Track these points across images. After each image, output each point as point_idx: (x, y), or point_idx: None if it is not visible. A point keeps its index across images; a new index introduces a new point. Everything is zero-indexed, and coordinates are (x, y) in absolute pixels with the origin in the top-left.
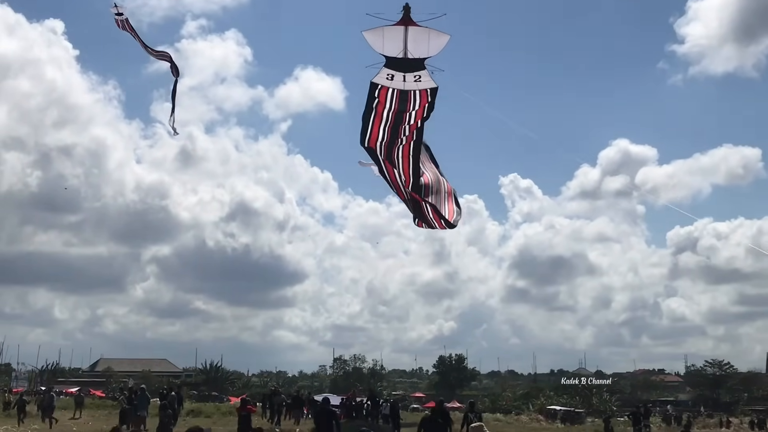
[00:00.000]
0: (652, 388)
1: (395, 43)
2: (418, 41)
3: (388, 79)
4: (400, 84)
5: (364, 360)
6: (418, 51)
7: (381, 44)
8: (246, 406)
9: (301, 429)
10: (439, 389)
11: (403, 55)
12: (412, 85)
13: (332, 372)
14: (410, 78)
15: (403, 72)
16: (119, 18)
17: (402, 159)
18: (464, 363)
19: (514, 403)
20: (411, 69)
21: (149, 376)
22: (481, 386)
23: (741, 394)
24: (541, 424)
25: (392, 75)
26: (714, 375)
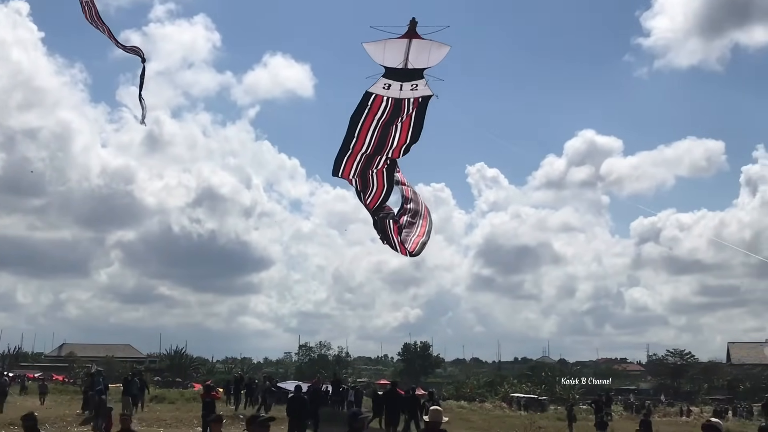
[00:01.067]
0: (614, 377)
1: (396, 55)
2: (419, 53)
3: (384, 88)
4: (396, 93)
5: (329, 347)
6: (419, 62)
7: (381, 56)
8: (210, 392)
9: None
10: (404, 376)
11: (404, 66)
12: (408, 93)
13: (297, 359)
14: (407, 87)
15: (401, 81)
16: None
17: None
18: (429, 350)
19: (478, 390)
20: (409, 78)
21: (112, 361)
22: (445, 374)
23: (701, 384)
24: (504, 412)
25: (389, 84)
26: (675, 364)
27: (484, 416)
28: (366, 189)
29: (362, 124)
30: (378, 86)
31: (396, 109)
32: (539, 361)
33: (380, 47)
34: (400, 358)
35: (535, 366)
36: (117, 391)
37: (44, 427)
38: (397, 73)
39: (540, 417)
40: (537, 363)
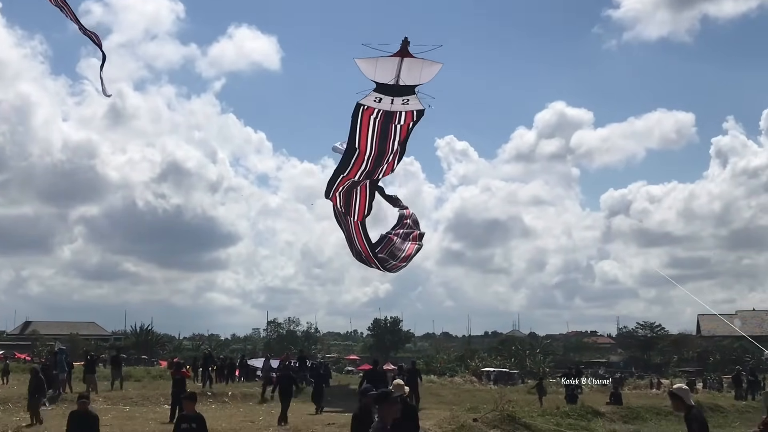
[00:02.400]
0: (584, 350)
1: (388, 72)
2: (411, 70)
3: (375, 102)
4: (387, 106)
5: (298, 323)
6: (410, 79)
7: (373, 72)
8: (180, 370)
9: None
10: (373, 352)
11: (395, 82)
12: (399, 107)
13: (266, 335)
14: (398, 101)
15: (392, 96)
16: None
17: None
18: (399, 325)
19: (448, 365)
20: (400, 94)
21: (77, 339)
22: (415, 348)
23: (671, 356)
24: (474, 386)
25: (380, 98)
26: (645, 337)
27: (454, 391)
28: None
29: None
30: (369, 99)
31: (387, 119)
32: (509, 335)
33: (372, 64)
34: (370, 333)
35: (505, 340)
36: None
37: (7, 406)
38: (389, 89)
39: (510, 391)
40: (507, 337)
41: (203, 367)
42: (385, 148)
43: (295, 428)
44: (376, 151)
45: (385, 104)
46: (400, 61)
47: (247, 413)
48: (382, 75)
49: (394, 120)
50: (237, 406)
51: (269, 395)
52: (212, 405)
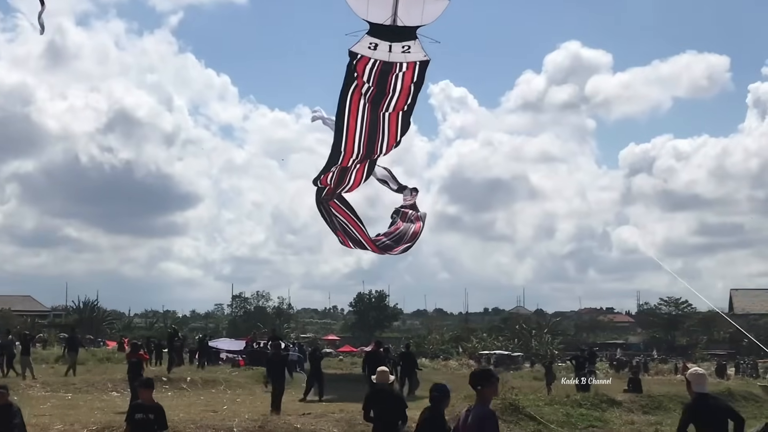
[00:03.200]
0: (599, 329)
1: (383, 8)
2: (410, 6)
3: (370, 49)
4: (384, 55)
5: (268, 298)
6: (410, 18)
7: (365, 8)
8: (137, 352)
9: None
10: (356, 331)
11: (392, 22)
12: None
13: (230, 312)
14: (397, 48)
15: (390, 41)
16: None
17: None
18: (385, 301)
19: (442, 346)
20: (399, 38)
21: (10, 315)
22: (404, 327)
23: (699, 337)
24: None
25: (375, 44)
26: (669, 315)
27: (448, 376)
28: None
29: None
30: (362, 45)
31: (384, 74)
32: (512, 312)
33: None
34: (351, 309)
35: (508, 318)
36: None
37: None
38: (385, 31)
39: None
40: (510, 314)
41: (169, 348)
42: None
43: (265, 419)
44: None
45: (382, 52)
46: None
47: (208, 402)
48: (376, 12)
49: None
50: (197, 394)
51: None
52: (168, 392)
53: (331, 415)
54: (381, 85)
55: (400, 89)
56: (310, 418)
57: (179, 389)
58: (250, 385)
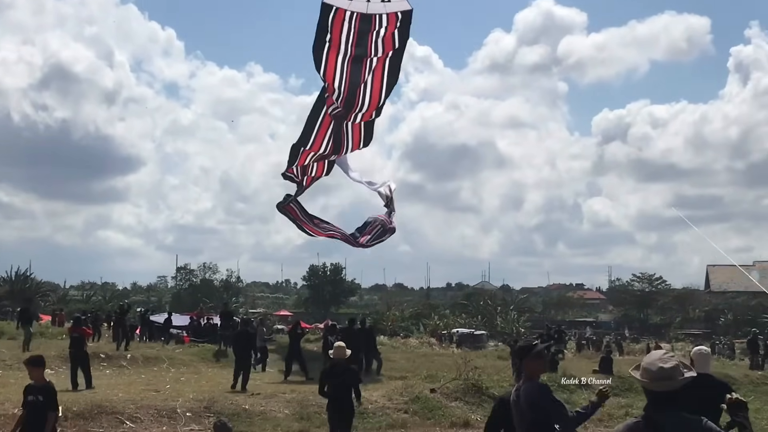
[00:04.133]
0: (568, 307)
1: None
2: None
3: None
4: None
5: (215, 270)
6: None
7: None
8: (79, 327)
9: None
10: (310, 306)
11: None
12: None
13: (175, 284)
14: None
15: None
16: None
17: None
18: (341, 274)
19: (402, 323)
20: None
21: None
22: (362, 303)
23: (674, 315)
24: (433, 349)
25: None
26: (642, 291)
27: (408, 355)
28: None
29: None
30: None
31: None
32: (477, 288)
33: None
34: (305, 283)
35: (472, 294)
36: None
37: None
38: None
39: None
40: (474, 290)
41: (117, 324)
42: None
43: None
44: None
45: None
46: None
47: (150, 380)
48: None
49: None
50: (138, 372)
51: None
52: (106, 370)
53: (282, 395)
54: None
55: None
56: (259, 398)
57: (119, 367)
58: (196, 363)
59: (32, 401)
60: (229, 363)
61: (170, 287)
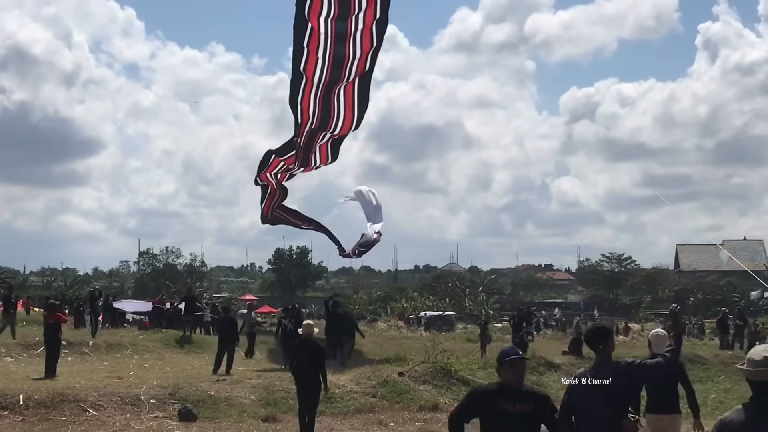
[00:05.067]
0: (537, 288)
1: None
2: None
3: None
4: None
5: (179, 254)
6: None
7: None
8: (54, 313)
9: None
10: (275, 290)
11: None
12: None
13: (137, 269)
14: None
15: None
16: None
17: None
18: (308, 258)
19: (369, 306)
20: None
21: None
22: (328, 286)
23: (643, 295)
24: (401, 332)
25: None
26: (612, 272)
27: (375, 338)
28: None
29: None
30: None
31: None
32: (445, 270)
33: None
34: (270, 267)
35: (440, 275)
36: None
37: None
38: None
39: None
40: (442, 272)
41: (91, 311)
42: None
43: (176, 386)
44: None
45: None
46: None
47: (113, 367)
48: None
49: (352, 11)
50: (100, 359)
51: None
52: (68, 357)
53: (248, 381)
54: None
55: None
56: (225, 384)
57: (80, 354)
58: (159, 350)
59: None
60: (194, 348)
61: (133, 272)
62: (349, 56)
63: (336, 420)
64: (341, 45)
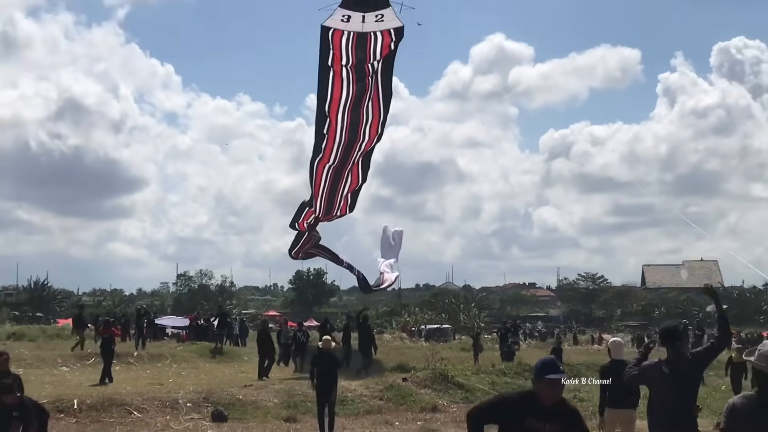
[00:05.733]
0: (522, 303)
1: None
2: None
3: (343, 21)
4: (357, 26)
5: (211, 276)
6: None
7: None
8: (109, 328)
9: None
10: (295, 307)
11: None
12: (373, 26)
13: (175, 289)
14: (370, 18)
15: (362, 12)
16: None
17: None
18: (323, 278)
19: (377, 320)
20: (372, 7)
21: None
22: (341, 303)
23: (614, 309)
24: (404, 342)
25: (348, 16)
26: (587, 289)
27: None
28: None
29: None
30: (335, 19)
31: (361, 46)
32: (442, 288)
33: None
34: (291, 286)
35: (438, 293)
36: None
37: None
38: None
39: (443, 348)
40: (440, 289)
41: (137, 326)
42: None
43: (209, 391)
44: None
45: (355, 23)
46: None
47: (155, 375)
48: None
49: (369, 45)
50: (144, 368)
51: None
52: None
53: (271, 386)
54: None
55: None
56: (251, 389)
57: (126, 364)
58: (195, 359)
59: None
60: (224, 359)
61: (171, 292)
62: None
63: (348, 420)
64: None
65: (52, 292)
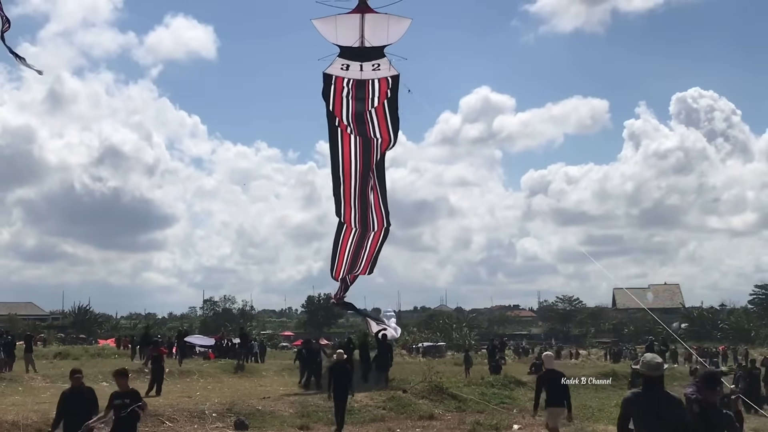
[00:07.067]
0: (507, 323)
1: (351, 32)
2: (376, 29)
3: (342, 69)
4: (356, 74)
5: (234, 301)
6: (377, 39)
7: (334, 34)
8: (158, 348)
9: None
10: (308, 328)
11: (360, 44)
12: (370, 74)
13: (202, 313)
14: (368, 67)
15: (360, 61)
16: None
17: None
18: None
19: None
20: (369, 58)
21: (15, 319)
22: (348, 324)
23: (589, 328)
24: (404, 358)
25: (347, 65)
26: (564, 310)
27: None
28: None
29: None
30: (335, 67)
31: (359, 90)
32: (437, 310)
33: (331, 24)
34: (303, 310)
35: (433, 314)
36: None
37: None
38: (354, 53)
39: (438, 362)
40: (435, 311)
41: (178, 345)
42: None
43: (232, 402)
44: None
45: (354, 72)
46: (362, 18)
47: (184, 389)
48: (345, 35)
49: (367, 92)
50: (174, 383)
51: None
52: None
53: (287, 398)
54: (359, 100)
55: (378, 101)
56: (269, 401)
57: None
58: (219, 375)
59: (118, 404)
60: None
61: (198, 315)
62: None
63: (354, 428)
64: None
65: (93, 316)
